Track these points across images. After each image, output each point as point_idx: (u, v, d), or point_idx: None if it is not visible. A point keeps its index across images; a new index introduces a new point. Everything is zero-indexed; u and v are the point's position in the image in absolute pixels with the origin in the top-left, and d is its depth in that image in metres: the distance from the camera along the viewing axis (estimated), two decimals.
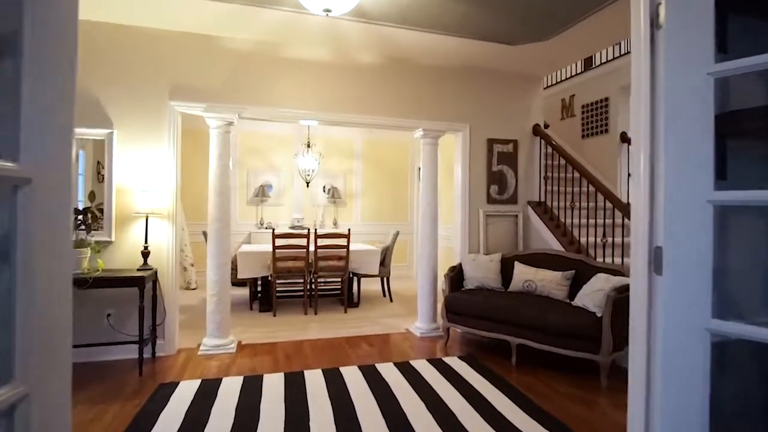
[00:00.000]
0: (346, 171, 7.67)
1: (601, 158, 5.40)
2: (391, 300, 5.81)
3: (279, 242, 4.98)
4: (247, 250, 5.14)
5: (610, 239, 4.03)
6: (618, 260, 4.02)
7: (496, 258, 4.18)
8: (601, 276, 3.44)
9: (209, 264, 3.73)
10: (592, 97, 5.60)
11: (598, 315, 3.19)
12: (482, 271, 4.09)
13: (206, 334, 3.76)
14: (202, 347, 3.70)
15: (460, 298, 3.82)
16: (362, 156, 7.76)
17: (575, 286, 3.69)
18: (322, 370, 3.28)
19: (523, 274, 3.93)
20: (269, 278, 5.10)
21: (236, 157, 7.12)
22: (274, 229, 4.91)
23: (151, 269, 3.47)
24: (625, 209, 3.56)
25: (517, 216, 4.64)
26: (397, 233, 5.88)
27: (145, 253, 3.48)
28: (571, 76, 6.00)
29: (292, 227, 7.15)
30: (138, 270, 3.41)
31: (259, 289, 5.38)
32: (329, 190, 7.50)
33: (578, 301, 3.46)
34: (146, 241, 3.49)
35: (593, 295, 3.31)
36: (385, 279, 5.86)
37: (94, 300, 3.46)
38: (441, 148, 4.55)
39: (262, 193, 7.04)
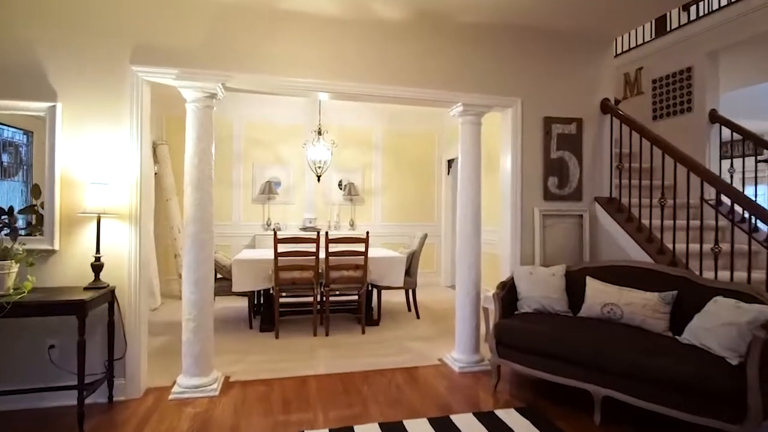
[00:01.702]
0: (365, 164, 6.75)
1: (679, 143, 4.31)
2: (418, 316, 4.86)
3: (283, 248, 4.09)
4: (245, 257, 4.27)
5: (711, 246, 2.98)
6: (724, 274, 2.98)
7: (559, 272, 3.19)
8: (722, 301, 2.41)
9: (184, 279, 2.85)
10: (668, 68, 4.52)
11: (732, 362, 2.17)
12: (542, 288, 3.10)
13: (182, 370, 2.88)
14: (174, 389, 2.83)
15: (515, 328, 2.84)
16: (382, 147, 6.82)
17: (678, 314, 2.67)
18: None
19: (600, 294, 2.92)
20: (271, 292, 4.21)
21: (240, 149, 6.28)
22: (276, 233, 4.03)
23: (104, 287, 2.61)
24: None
25: (581, 216, 3.62)
26: (425, 236, 4.93)
27: (97, 267, 2.61)
28: (637, 46, 4.93)
29: (303, 228, 6.27)
30: (85, 289, 2.55)
31: (262, 300, 4.51)
32: (345, 186, 6.60)
33: (690, 336, 2.45)
34: (98, 251, 2.63)
35: (719, 330, 2.28)
36: (410, 291, 4.91)
37: (33, 328, 2.62)
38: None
39: (269, 189, 6.17)
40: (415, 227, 6.81)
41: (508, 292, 3.14)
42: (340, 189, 6.64)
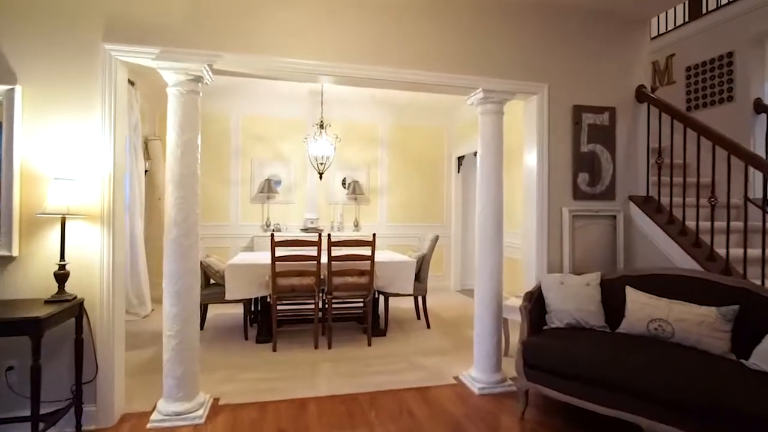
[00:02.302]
0: (370, 162, 6.37)
1: None
2: (429, 325, 4.47)
3: (281, 252, 3.72)
4: (239, 261, 3.90)
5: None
6: None
7: (594, 281, 2.79)
8: None
9: (165, 290, 2.48)
10: (704, 54, 4.10)
11: None
12: (575, 300, 2.71)
13: (162, 394, 2.51)
14: (153, 416, 2.45)
15: (547, 347, 2.45)
16: (389, 144, 6.43)
17: (740, 333, 2.28)
18: None
19: (644, 308, 2.52)
20: (268, 300, 3.84)
21: (237, 144, 5.91)
22: (273, 236, 3.66)
23: (69, 300, 2.24)
24: None
25: (614, 217, 3.23)
26: (436, 238, 4.54)
27: (61, 276, 2.25)
28: (667, 31, 4.52)
29: (304, 229, 5.90)
30: (47, 302, 2.18)
31: (259, 307, 4.14)
32: (349, 184, 6.22)
33: (761, 362, 2.05)
34: (62, 257, 2.26)
35: None
36: (419, 298, 4.52)
37: None
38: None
39: (268, 188, 5.80)
40: (422, 228, 6.42)
41: (535, 304, 2.75)
42: (344, 187, 6.26)
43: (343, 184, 6.27)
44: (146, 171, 5.30)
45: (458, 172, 6.54)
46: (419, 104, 6.11)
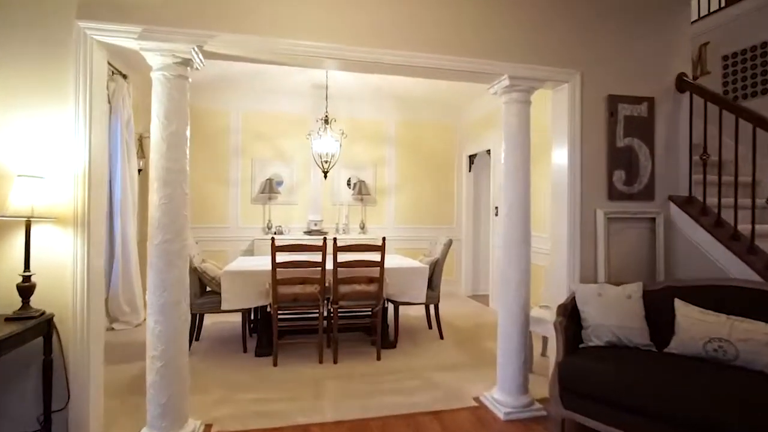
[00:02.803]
0: (377, 160, 6.05)
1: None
2: (442, 336, 4.14)
3: (282, 257, 3.40)
4: (237, 268, 3.59)
5: None
6: None
7: (635, 293, 2.46)
8: None
9: (148, 303, 2.17)
10: (743, 42, 3.76)
11: None
12: (616, 314, 2.37)
13: (146, 422, 2.20)
14: None
15: (588, 370, 2.12)
16: (397, 141, 6.11)
17: None
18: None
19: (699, 325, 2.18)
20: (268, 309, 3.52)
21: (237, 143, 5.60)
22: (273, 239, 3.34)
23: (35, 317, 1.93)
24: None
25: (654, 220, 2.89)
26: (450, 242, 4.21)
27: (25, 289, 1.94)
28: (700, 18, 4.17)
29: (308, 232, 5.58)
30: (7, 320, 1.87)
31: (259, 316, 3.82)
32: (355, 184, 5.90)
33: None
34: (27, 267, 1.95)
35: None
36: (432, 306, 4.19)
37: None
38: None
39: (270, 188, 5.49)
40: (432, 230, 6.09)
41: (570, 318, 2.42)
42: (350, 188, 5.95)
43: (349, 184, 5.95)
44: (140, 170, 5.00)
45: (469, 171, 6.21)
46: (429, 100, 5.79)
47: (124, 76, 4.43)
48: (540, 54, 2.69)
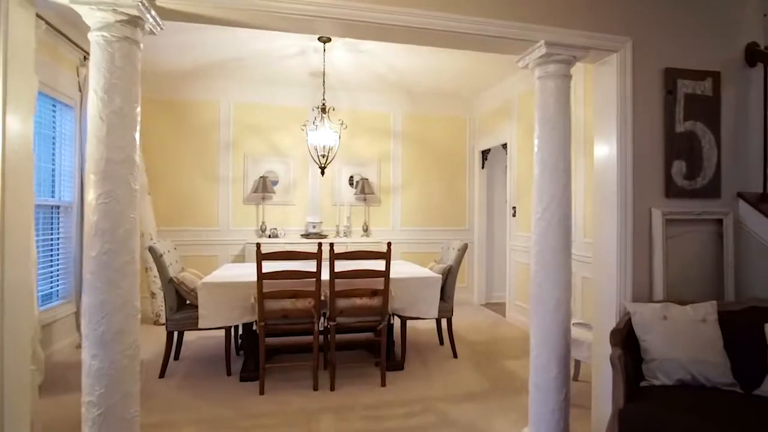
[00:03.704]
0: (381, 156, 5.53)
1: None
2: (455, 354, 3.62)
3: (270, 266, 2.90)
4: (218, 278, 3.09)
5: None
6: None
7: (710, 315, 1.94)
8: None
9: (83, 334, 1.67)
10: None
11: None
12: (687, 344, 1.85)
13: None
14: None
15: (664, 424, 1.59)
16: (403, 136, 5.59)
17: None
18: None
19: None
20: (254, 327, 3.02)
21: (228, 136, 5.11)
22: (259, 245, 2.84)
23: None
24: None
25: (720, 221, 2.35)
26: (464, 247, 3.69)
27: None
28: None
29: (306, 235, 5.08)
30: None
31: (246, 332, 3.32)
32: (357, 182, 5.39)
33: None
34: None
35: None
36: (444, 320, 3.67)
37: None
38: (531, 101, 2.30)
39: (263, 187, 4.99)
40: (442, 233, 5.57)
41: (626, 348, 1.89)
42: (351, 186, 5.44)
43: (351, 182, 5.44)
44: None
45: (482, 168, 5.69)
46: (438, 90, 5.27)
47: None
48: (583, 17, 2.17)
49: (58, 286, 3.72)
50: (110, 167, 1.65)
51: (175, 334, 3.30)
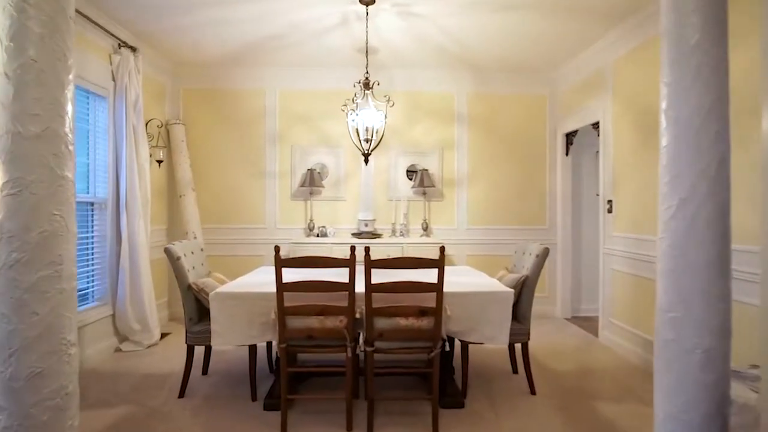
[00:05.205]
0: (443, 144, 4.81)
1: None
2: (533, 389, 2.82)
3: (290, 275, 2.35)
4: (234, 287, 2.61)
5: None
6: None
7: None
8: None
9: None
10: None
11: None
12: None
13: None
14: None
15: None
16: (469, 119, 4.81)
17: None
18: None
19: None
20: (271, 350, 2.50)
21: (274, 128, 4.71)
22: (277, 249, 2.31)
23: None
24: None
25: None
26: (545, 252, 2.87)
27: None
28: None
29: (357, 234, 4.53)
30: None
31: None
32: (416, 174, 4.72)
33: None
34: None
35: None
36: (520, 344, 2.89)
37: None
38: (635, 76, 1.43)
39: (311, 180, 4.51)
40: (517, 232, 4.72)
41: None
42: (409, 179, 4.78)
43: (408, 174, 4.79)
44: (160, 161, 4.29)
45: (566, 154, 4.73)
46: (509, 62, 4.41)
47: (133, 49, 3.69)
48: None
49: (93, 287, 3.52)
50: (18, 144, 1.16)
51: (198, 348, 2.88)
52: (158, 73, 4.36)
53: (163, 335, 3.98)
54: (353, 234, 4.57)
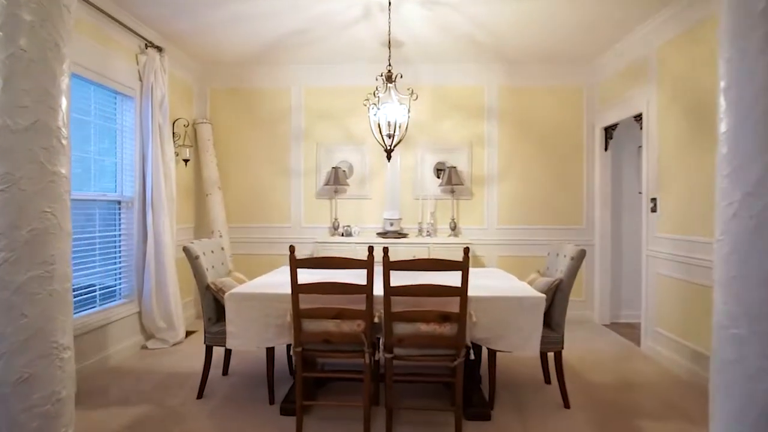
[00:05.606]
0: (472, 140, 4.61)
1: None
2: (566, 403, 2.60)
3: (305, 276, 2.25)
4: (248, 288, 2.54)
5: None
6: None
7: None
8: None
9: None
10: None
11: None
12: None
13: None
14: None
15: None
16: (500, 113, 4.60)
17: None
18: None
19: None
20: (290, 352, 2.41)
21: (299, 125, 4.66)
22: (292, 248, 2.22)
23: None
24: None
25: None
26: (582, 254, 2.65)
27: None
28: None
29: (383, 233, 4.41)
30: None
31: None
32: (444, 171, 4.54)
33: None
34: None
35: None
36: (553, 353, 2.68)
37: None
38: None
39: (336, 179, 4.43)
40: (551, 232, 4.47)
41: None
42: (437, 176, 4.62)
43: (436, 171, 4.63)
44: (187, 160, 4.32)
45: (605, 149, 4.43)
46: (542, 52, 4.16)
47: (159, 49, 3.72)
48: None
49: (120, 284, 3.57)
50: (6, 138, 1.10)
51: (219, 348, 2.84)
52: (185, 73, 4.39)
53: (188, 333, 4.00)
54: (378, 233, 4.46)
